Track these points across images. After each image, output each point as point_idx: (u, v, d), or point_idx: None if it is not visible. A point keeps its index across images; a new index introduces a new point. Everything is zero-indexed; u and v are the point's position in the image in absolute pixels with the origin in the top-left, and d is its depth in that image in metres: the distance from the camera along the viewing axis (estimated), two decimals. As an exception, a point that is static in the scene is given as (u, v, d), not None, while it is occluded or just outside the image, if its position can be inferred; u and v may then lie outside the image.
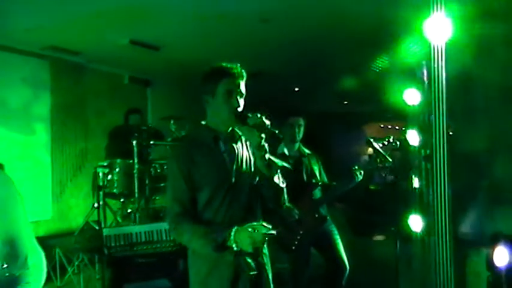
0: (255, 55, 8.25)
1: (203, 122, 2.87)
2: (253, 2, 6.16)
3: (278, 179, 2.74)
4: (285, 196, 2.83)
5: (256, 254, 2.69)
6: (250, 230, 2.52)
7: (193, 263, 2.79)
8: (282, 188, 2.78)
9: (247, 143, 2.87)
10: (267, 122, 2.63)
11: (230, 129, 2.82)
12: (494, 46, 5.25)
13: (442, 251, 3.08)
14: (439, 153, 3.16)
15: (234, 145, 2.83)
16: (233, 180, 2.74)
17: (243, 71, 2.77)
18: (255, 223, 2.57)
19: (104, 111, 8.95)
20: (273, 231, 2.56)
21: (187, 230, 2.68)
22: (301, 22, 6.91)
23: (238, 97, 2.74)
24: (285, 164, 2.91)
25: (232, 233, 2.53)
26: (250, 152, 2.87)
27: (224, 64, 2.77)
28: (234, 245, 2.53)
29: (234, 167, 2.77)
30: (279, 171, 2.75)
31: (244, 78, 2.77)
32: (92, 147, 8.71)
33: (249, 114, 2.66)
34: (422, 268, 5.16)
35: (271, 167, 2.70)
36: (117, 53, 8.10)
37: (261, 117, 2.62)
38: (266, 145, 2.65)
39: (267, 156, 2.66)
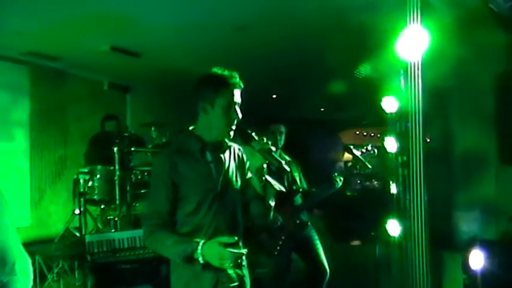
0: (233, 63, 8.27)
1: (190, 128, 2.81)
2: (230, 11, 6.21)
3: (271, 200, 2.77)
4: (272, 213, 2.85)
5: (222, 269, 2.62)
6: (219, 245, 2.51)
7: (175, 269, 2.77)
8: (271, 207, 2.81)
9: (237, 150, 2.87)
10: (273, 149, 2.64)
11: (219, 138, 2.78)
12: (469, 56, 5.38)
13: (419, 255, 3.16)
14: (415, 159, 3.24)
15: (222, 155, 2.79)
16: (219, 191, 2.71)
17: (240, 81, 2.75)
18: (227, 239, 2.54)
19: (83, 117, 8.90)
20: (243, 251, 2.58)
21: (160, 238, 2.66)
22: (278, 30, 6.97)
23: (236, 107, 2.72)
24: (282, 188, 2.95)
25: (200, 246, 2.52)
26: (239, 160, 2.85)
27: (225, 72, 2.74)
28: (200, 258, 2.52)
29: (221, 177, 2.74)
30: (273, 193, 2.78)
31: (241, 87, 2.75)
32: (71, 154, 8.66)
33: (254, 134, 2.67)
34: (400, 272, 5.25)
35: (267, 189, 2.72)
36: (97, 59, 8.07)
37: (267, 144, 2.63)
38: (265, 167, 2.66)
39: (264, 177, 2.68)
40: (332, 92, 10.21)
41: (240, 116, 2.73)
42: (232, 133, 2.73)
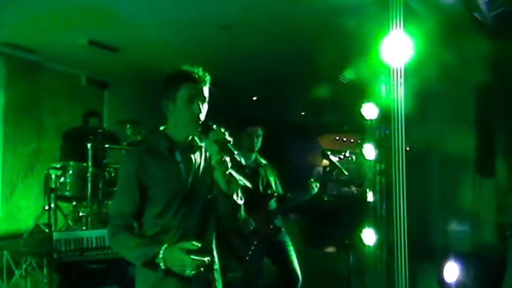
0: (215, 62, 8.21)
1: (161, 128, 2.74)
2: (214, 9, 6.15)
3: (237, 196, 2.65)
4: (242, 212, 2.75)
5: (183, 275, 2.52)
6: (180, 251, 2.43)
7: (140, 271, 2.66)
8: (239, 205, 2.70)
9: (208, 154, 2.77)
10: (229, 139, 2.54)
11: (190, 138, 2.71)
12: (452, 63, 5.36)
13: (398, 266, 3.09)
14: (396, 167, 3.18)
15: (192, 155, 2.72)
16: (188, 192, 2.64)
17: (206, 74, 2.64)
18: (190, 244, 2.45)
19: (59, 111, 8.77)
20: (205, 259, 2.48)
21: (122, 240, 2.59)
22: (262, 31, 6.94)
23: (200, 103, 2.61)
24: (247, 183, 2.85)
25: (162, 251, 2.44)
26: (207, 164, 2.75)
27: (186, 67, 2.64)
28: (162, 263, 2.45)
29: (190, 178, 2.67)
30: (239, 188, 2.67)
31: (208, 83, 2.65)
32: (45, 148, 8.52)
33: (214, 126, 2.56)
34: (374, 282, 5.22)
35: (231, 183, 2.61)
36: (75, 53, 7.96)
37: (223, 134, 2.52)
38: (228, 161, 2.55)
39: (228, 172, 2.56)
40: (313, 96, 10.19)
41: (204, 110, 2.64)
42: (199, 128, 2.61)
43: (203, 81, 2.62)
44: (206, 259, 2.49)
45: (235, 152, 2.52)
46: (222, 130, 2.54)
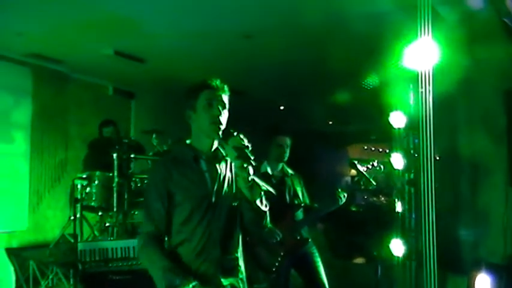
0: (240, 71, 8.22)
1: (188, 141, 2.82)
2: (236, 19, 6.13)
3: (261, 202, 2.64)
4: (267, 219, 2.74)
5: None
6: None
7: None
8: (264, 212, 2.68)
9: (232, 163, 2.79)
10: (248, 145, 2.53)
11: (214, 148, 2.78)
12: (480, 71, 5.26)
13: (427, 277, 3.02)
14: (425, 177, 3.11)
15: (217, 165, 2.78)
16: (213, 199, 2.68)
17: (223, 84, 2.75)
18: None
19: (86, 122, 8.80)
20: None
21: (152, 255, 2.62)
22: (285, 39, 6.89)
23: (219, 107, 2.70)
24: (270, 188, 2.80)
25: (190, 286, 2.45)
26: (233, 173, 2.80)
27: (203, 79, 2.77)
28: None
29: (215, 187, 2.71)
30: (262, 194, 2.66)
31: (226, 92, 2.75)
32: (72, 158, 8.55)
33: (234, 133, 2.58)
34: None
35: (253, 189, 2.60)
36: (101, 64, 7.99)
37: (242, 139, 2.53)
38: (250, 167, 2.54)
39: (251, 178, 2.55)
40: (341, 105, 10.12)
41: (225, 115, 2.74)
42: (220, 132, 2.70)
43: (221, 89, 2.74)
44: None
45: (252, 158, 2.52)
46: (241, 136, 2.57)
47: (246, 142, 2.53)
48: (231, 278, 2.68)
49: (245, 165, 2.51)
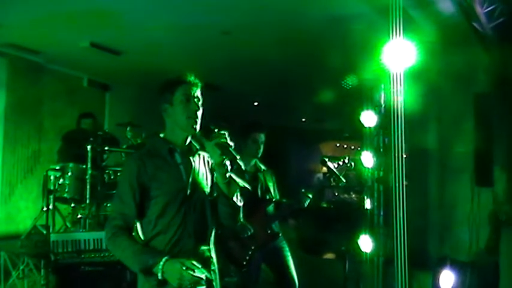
0: (217, 66, 8.25)
1: (161, 135, 2.83)
2: (215, 14, 6.16)
3: (236, 198, 2.72)
4: (241, 214, 2.82)
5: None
6: (181, 265, 2.49)
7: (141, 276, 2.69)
8: (239, 207, 2.76)
9: (207, 157, 2.86)
10: (231, 144, 2.60)
11: (188, 142, 2.80)
12: (451, 72, 5.37)
13: (399, 274, 3.10)
14: (395, 175, 3.19)
15: (191, 158, 2.79)
16: (188, 192, 2.71)
17: (197, 79, 2.78)
18: (189, 261, 2.53)
19: (60, 113, 8.77)
20: (203, 276, 2.56)
21: (121, 243, 2.62)
22: (263, 36, 6.95)
23: (196, 102, 2.74)
24: (246, 184, 2.87)
25: (162, 262, 2.49)
26: (208, 166, 2.86)
27: (180, 74, 2.78)
28: (160, 274, 2.49)
29: (190, 179, 2.73)
30: (238, 190, 2.73)
31: (199, 87, 2.78)
32: (45, 150, 8.52)
33: (215, 130, 2.64)
34: (370, 288, 5.22)
35: (231, 185, 2.67)
36: (77, 55, 7.99)
37: (225, 137, 2.60)
38: (228, 163, 2.61)
39: (228, 174, 2.63)
40: (315, 103, 10.19)
41: (200, 109, 2.76)
42: (197, 127, 2.73)
43: (195, 85, 2.76)
44: (204, 276, 2.58)
45: (238, 156, 2.59)
46: (224, 133, 2.63)
47: (229, 140, 2.60)
48: (203, 269, 2.68)
49: (224, 162, 2.58)
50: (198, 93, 2.76)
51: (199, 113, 2.74)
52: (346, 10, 5.44)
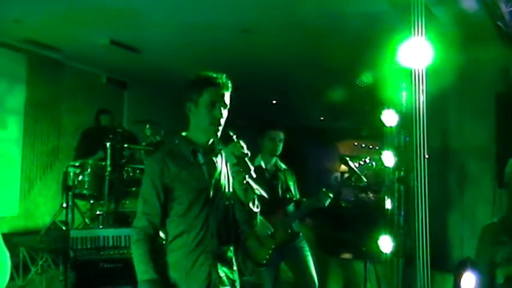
0: (233, 65, 8.23)
1: (184, 133, 2.81)
2: (234, 12, 6.15)
3: (253, 204, 2.70)
4: (258, 220, 2.80)
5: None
6: None
7: (173, 260, 2.73)
8: (255, 213, 2.74)
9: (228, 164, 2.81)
10: (247, 152, 2.58)
11: (211, 141, 2.78)
12: (471, 72, 5.31)
13: (420, 274, 3.06)
14: (417, 176, 3.15)
15: (214, 158, 2.79)
16: (211, 192, 2.71)
17: (228, 81, 2.72)
18: None
19: (78, 110, 8.81)
20: None
21: (141, 250, 2.64)
22: (282, 35, 6.92)
23: (221, 108, 2.69)
24: (263, 193, 2.85)
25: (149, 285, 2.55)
26: (228, 168, 2.83)
27: (210, 73, 2.72)
28: None
29: (213, 180, 2.74)
30: (255, 197, 2.71)
31: (229, 89, 2.73)
32: (64, 146, 8.55)
33: (234, 137, 2.61)
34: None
35: (247, 192, 2.64)
36: (97, 53, 8.01)
37: (242, 147, 2.57)
38: (252, 170, 2.59)
39: (245, 181, 2.60)
40: (333, 101, 10.15)
41: (225, 115, 2.72)
42: (218, 133, 2.71)
43: (225, 87, 2.71)
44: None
45: (252, 168, 2.57)
46: (241, 143, 2.59)
47: (245, 149, 2.57)
48: (226, 268, 2.73)
49: (240, 170, 2.56)
50: (226, 97, 2.72)
51: (223, 121, 2.71)
52: (367, 7, 5.40)
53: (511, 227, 3.06)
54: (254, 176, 2.59)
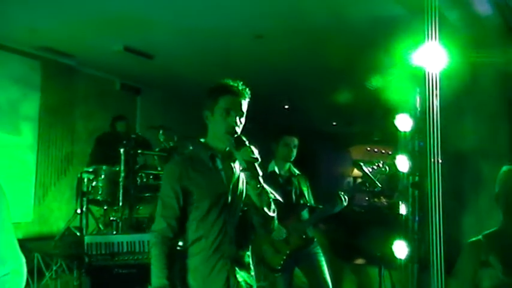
0: (246, 70, 8.25)
1: (202, 140, 2.84)
2: (248, 18, 6.17)
3: (268, 209, 2.70)
4: (275, 224, 2.79)
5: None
6: None
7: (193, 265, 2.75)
8: (271, 217, 2.74)
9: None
10: (257, 157, 2.59)
11: (228, 148, 2.79)
12: (487, 75, 5.28)
13: (435, 280, 3.04)
14: (432, 180, 3.13)
15: (232, 164, 2.81)
16: (229, 198, 2.73)
17: (246, 89, 2.74)
18: None
19: (92, 116, 8.87)
20: None
21: (157, 252, 2.66)
22: (295, 40, 6.92)
23: (237, 116, 2.71)
24: (277, 197, 2.85)
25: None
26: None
27: (227, 81, 2.75)
28: None
29: (231, 185, 2.75)
30: (271, 201, 2.71)
31: (247, 98, 2.75)
32: (78, 152, 8.61)
33: (246, 142, 2.62)
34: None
35: (262, 196, 2.65)
36: (110, 59, 8.06)
37: (252, 153, 2.58)
38: (260, 174, 2.61)
39: (259, 185, 2.62)
40: (345, 106, 10.13)
41: (240, 124, 2.74)
42: (233, 141, 2.70)
43: (242, 95, 2.73)
44: None
45: (261, 174, 2.60)
46: (252, 148, 2.61)
47: (256, 154, 2.59)
48: (244, 273, 2.75)
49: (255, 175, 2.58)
50: (242, 104, 2.74)
51: (239, 128, 2.72)
52: (380, 12, 5.39)
53: (502, 246, 2.73)
54: (262, 182, 2.60)
